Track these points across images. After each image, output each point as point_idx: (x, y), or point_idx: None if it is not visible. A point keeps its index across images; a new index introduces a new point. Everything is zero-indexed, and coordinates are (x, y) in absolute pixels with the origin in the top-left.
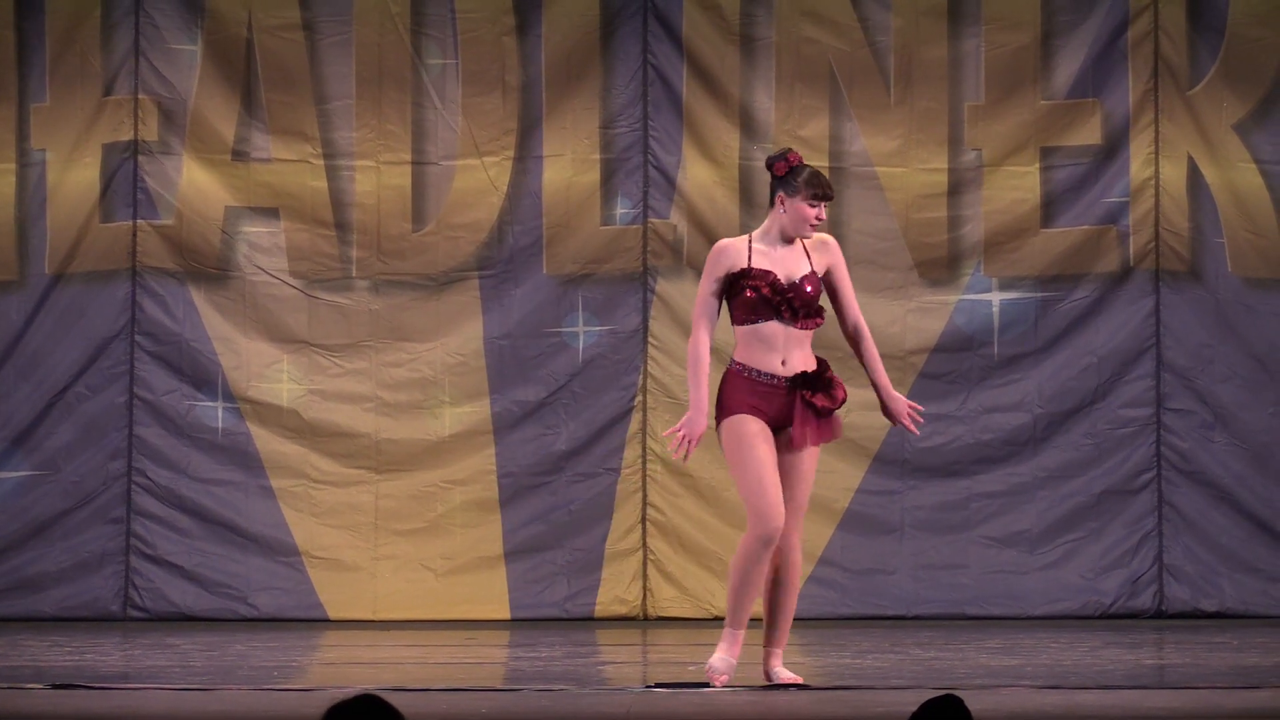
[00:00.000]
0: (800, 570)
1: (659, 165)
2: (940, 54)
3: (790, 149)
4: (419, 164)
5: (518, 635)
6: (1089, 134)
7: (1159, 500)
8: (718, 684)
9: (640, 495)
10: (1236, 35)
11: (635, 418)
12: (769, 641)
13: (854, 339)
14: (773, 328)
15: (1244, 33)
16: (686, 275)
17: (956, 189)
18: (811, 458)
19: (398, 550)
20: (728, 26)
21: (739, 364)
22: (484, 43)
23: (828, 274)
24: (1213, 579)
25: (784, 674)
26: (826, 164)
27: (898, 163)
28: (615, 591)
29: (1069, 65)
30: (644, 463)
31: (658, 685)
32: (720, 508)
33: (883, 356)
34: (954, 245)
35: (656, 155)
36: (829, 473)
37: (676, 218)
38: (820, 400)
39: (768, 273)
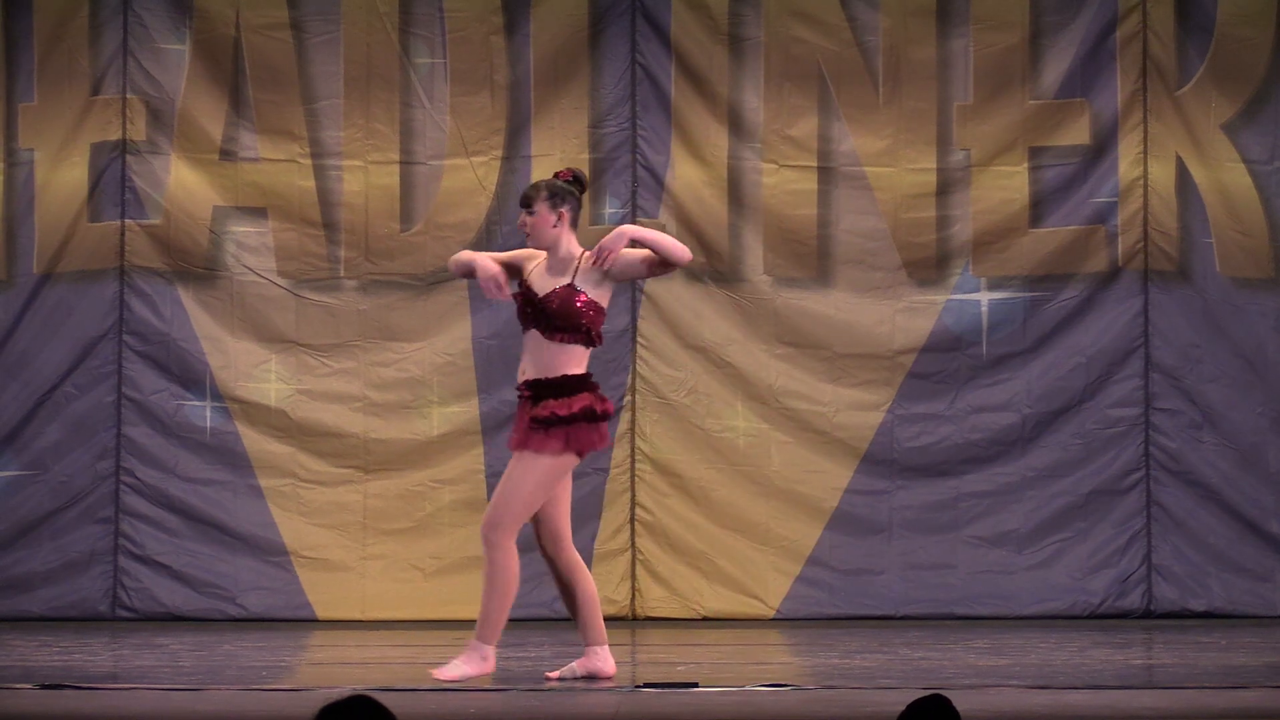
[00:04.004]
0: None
1: (647, 165)
2: (929, 54)
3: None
4: (407, 164)
5: (506, 635)
6: (1077, 134)
7: (1147, 500)
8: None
9: (629, 495)
10: (1225, 35)
11: (624, 417)
12: (596, 640)
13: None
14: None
15: (1232, 32)
16: (675, 276)
17: (945, 189)
18: (519, 462)
19: (386, 550)
20: (716, 26)
21: None
22: (472, 42)
23: (613, 270)
24: (1201, 579)
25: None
26: (815, 164)
27: (886, 163)
28: (604, 591)
29: (1057, 65)
30: (632, 463)
31: (646, 685)
32: (709, 508)
33: (871, 356)
34: (942, 245)
35: (645, 155)
36: (817, 472)
37: (665, 217)
38: (538, 410)
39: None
